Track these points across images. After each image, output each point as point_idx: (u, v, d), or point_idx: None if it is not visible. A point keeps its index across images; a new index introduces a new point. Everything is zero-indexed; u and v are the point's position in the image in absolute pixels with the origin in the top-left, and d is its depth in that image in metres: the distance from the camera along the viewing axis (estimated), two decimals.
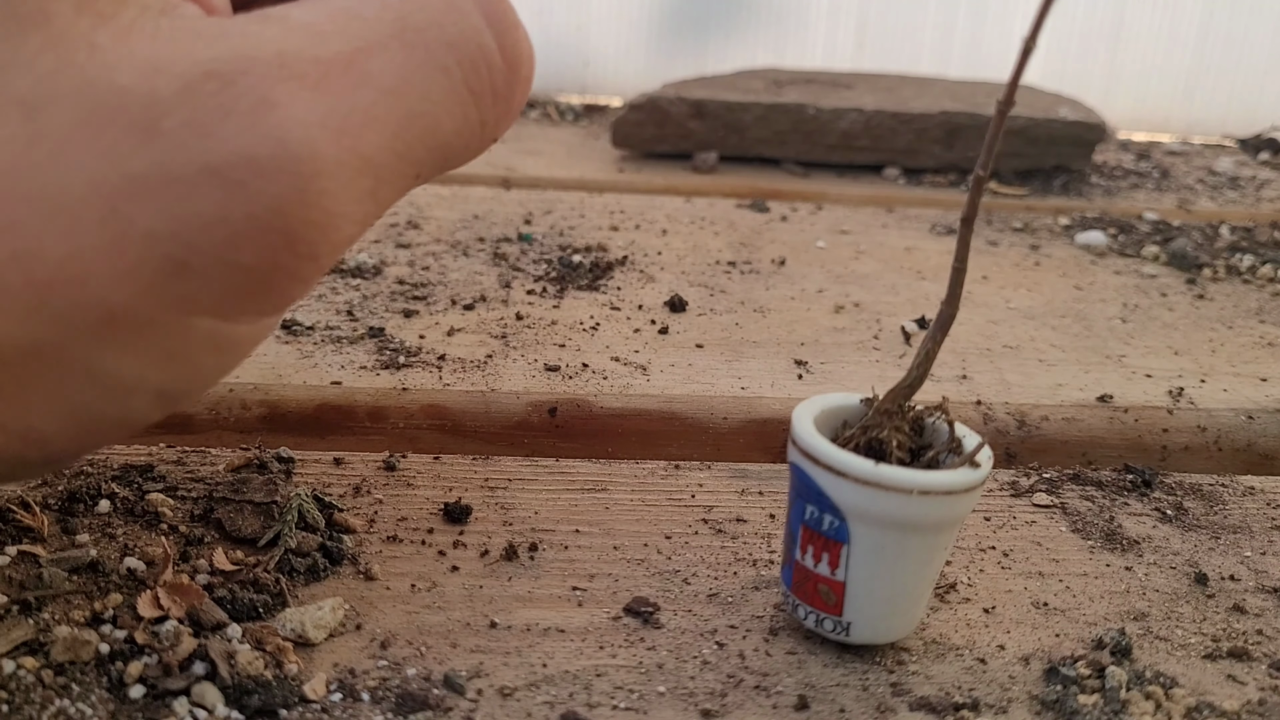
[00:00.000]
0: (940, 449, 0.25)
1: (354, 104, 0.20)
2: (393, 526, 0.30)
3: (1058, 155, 0.79)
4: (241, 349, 0.21)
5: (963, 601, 0.28)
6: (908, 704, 0.24)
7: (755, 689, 0.24)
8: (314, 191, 0.19)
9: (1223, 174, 0.85)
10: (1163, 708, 0.24)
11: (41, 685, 0.23)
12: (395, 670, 0.24)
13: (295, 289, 0.21)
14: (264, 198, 0.19)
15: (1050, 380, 0.43)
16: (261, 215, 0.19)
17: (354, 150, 0.20)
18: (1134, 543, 0.32)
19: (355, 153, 0.20)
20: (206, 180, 0.18)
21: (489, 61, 0.23)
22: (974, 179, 0.24)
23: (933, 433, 0.26)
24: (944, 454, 0.25)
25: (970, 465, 0.24)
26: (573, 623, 0.27)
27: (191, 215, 0.18)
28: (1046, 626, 0.27)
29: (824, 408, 0.26)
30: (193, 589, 0.26)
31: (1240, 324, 0.51)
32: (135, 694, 0.23)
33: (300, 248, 0.20)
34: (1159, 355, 0.46)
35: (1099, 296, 0.54)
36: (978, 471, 0.24)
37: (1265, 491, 0.36)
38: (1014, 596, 0.29)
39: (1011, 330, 0.48)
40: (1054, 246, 0.63)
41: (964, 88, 0.86)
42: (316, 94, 0.20)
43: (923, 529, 0.24)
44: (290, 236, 0.19)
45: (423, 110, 0.21)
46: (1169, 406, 0.41)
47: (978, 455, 0.24)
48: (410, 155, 0.22)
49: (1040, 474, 0.36)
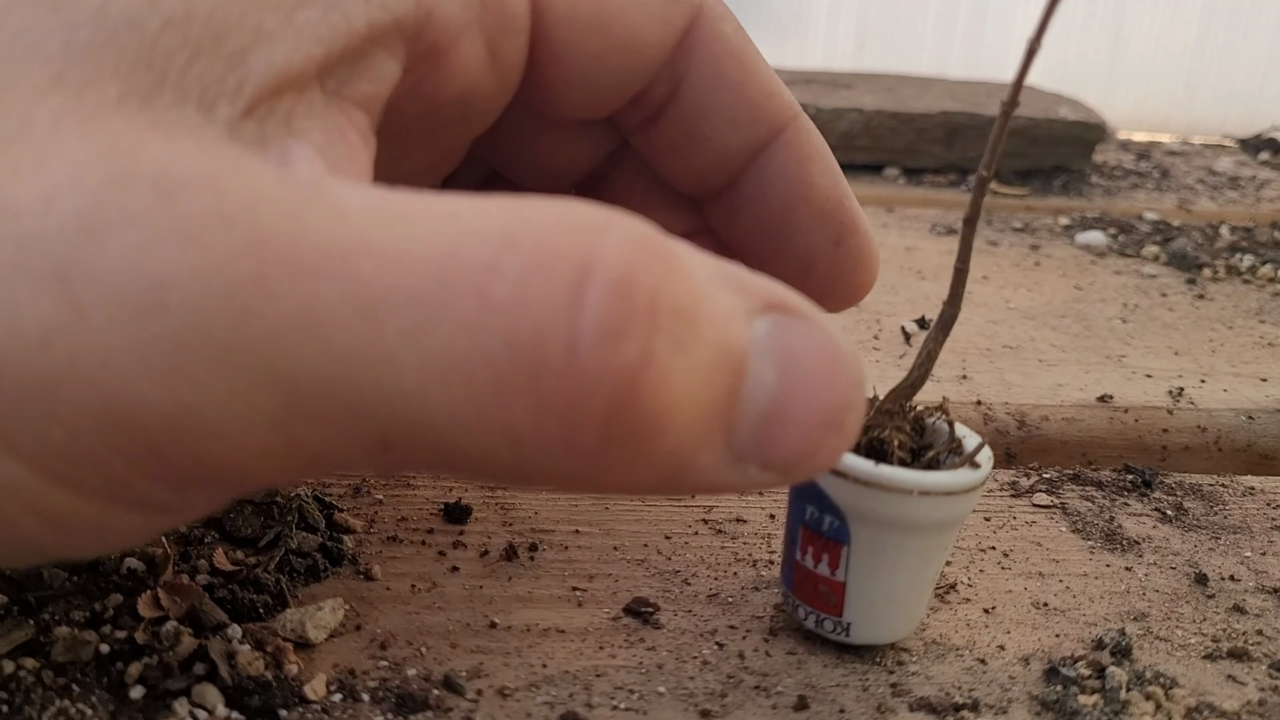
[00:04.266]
0: (940, 449, 0.25)
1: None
2: (393, 527, 0.30)
3: (1058, 155, 0.79)
4: (85, 527, 0.16)
5: (963, 602, 0.28)
6: (907, 704, 0.24)
7: (755, 689, 0.24)
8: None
9: (1223, 174, 0.85)
10: (1163, 708, 0.24)
11: (42, 686, 0.23)
12: (395, 670, 0.24)
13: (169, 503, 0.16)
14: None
15: (1050, 380, 0.43)
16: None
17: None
18: (1134, 543, 0.32)
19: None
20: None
21: (561, 383, 0.15)
22: (977, 179, 0.24)
23: (933, 433, 0.26)
24: (944, 454, 0.25)
25: (970, 465, 0.24)
26: (572, 623, 0.27)
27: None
28: (1046, 627, 0.27)
29: None
30: (193, 589, 0.26)
31: (1240, 324, 0.51)
32: (136, 694, 0.23)
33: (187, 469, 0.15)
34: (1159, 355, 0.46)
35: (1099, 296, 0.54)
36: (978, 472, 0.24)
37: (1265, 492, 0.36)
38: (1014, 597, 0.29)
39: (1011, 330, 0.48)
40: (1054, 246, 0.63)
41: (964, 88, 0.86)
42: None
43: (923, 529, 0.24)
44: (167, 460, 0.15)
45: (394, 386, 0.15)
46: (1169, 407, 0.41)
47: (978, 455, 0.24)
48: (367, 425, 0.15)
49: (1040, 474, 0.36)
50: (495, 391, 0.15)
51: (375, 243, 0.15)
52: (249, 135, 0.17)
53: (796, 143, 0.26)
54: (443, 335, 0.14)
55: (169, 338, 0.14)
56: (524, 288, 0.15)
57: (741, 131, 0.26)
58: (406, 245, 0.15)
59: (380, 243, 0.15)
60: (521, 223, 0.15)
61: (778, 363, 0.17)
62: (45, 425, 0.14)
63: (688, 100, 0.26)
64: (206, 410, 0.14)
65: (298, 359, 0.14)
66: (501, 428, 0.15)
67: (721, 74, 0.25)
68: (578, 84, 0.24)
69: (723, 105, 0.26)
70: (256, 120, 0.17)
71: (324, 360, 0.14)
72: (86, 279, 0.14)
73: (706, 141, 0.26)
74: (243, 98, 0.17)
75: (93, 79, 0.16)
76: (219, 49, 0.17)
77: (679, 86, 0.26)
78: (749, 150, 0.26)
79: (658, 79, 0.25)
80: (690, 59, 0.25)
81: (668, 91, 0.26)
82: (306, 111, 0.18)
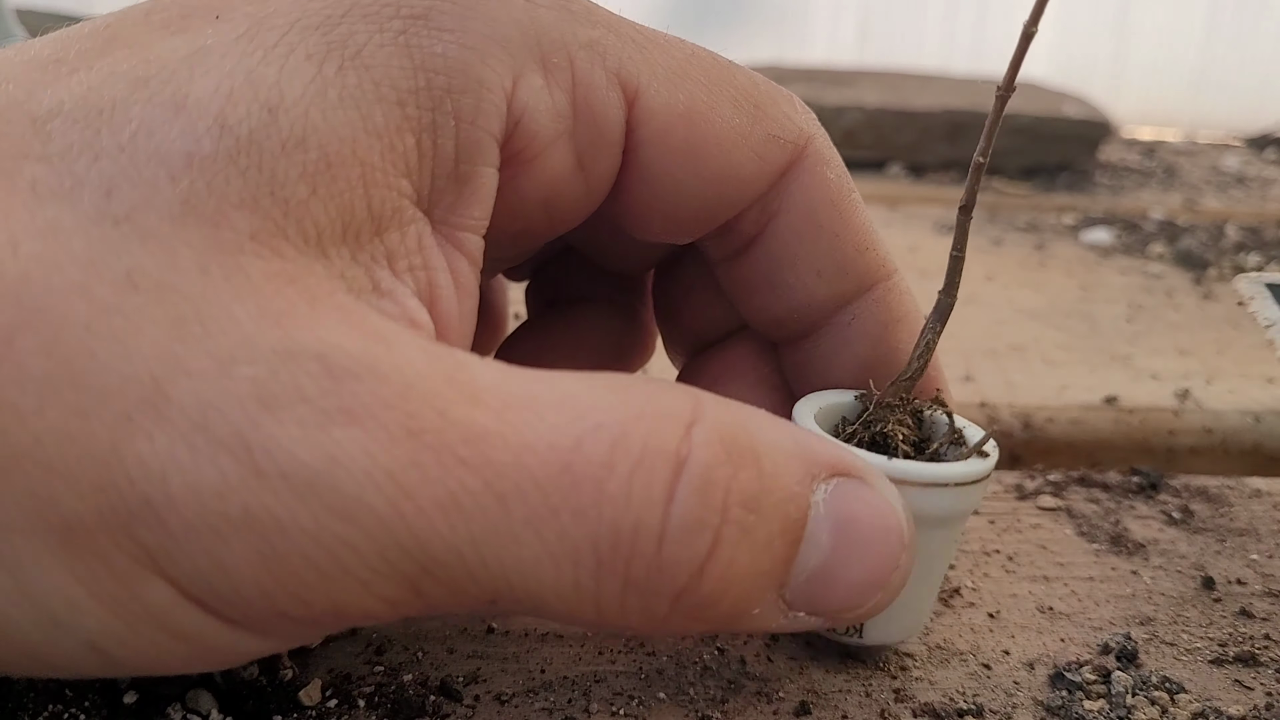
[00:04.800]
0: (941, 441, 0.25)
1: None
2: None
3: (1063, 153, 0.78)
4: (208, 647, 0.17)
5: (967, 606, 0.28)
6: (911, 710, 0.24)
7: (756, 695, 0.24)
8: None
9: (1229, 172, 0.85)
10: (1168, 713, 0.24)
11: (35, 690, 0.23)
12: (391, 676, 0.24)
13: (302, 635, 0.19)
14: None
15: (1056, 381, 0.42)
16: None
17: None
18: (1140, 546, 0.32)
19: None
20: None
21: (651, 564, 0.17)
22: (973, 165, 0.23)
23: (931, 425, 0.26)
24: (946, 446, 0.25)
25: (979, 455, 0.24)
26: (571, 628, 0.26)
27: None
28: (1052, 631, 0.27)
29: (821, 405, 0.26)
30: None
31: (1247, 324, 0.51)
32: (129, 700, 0.23)
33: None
34: (1165, 356, 0.46)
35: (1105, 296, 0.54)
36: (987, 461, 0.24)
37: (1272, 494, 0.35)
38: (1018, 601, 0.28)
39: (1016, 330, 0.48)
40: (1059, 245, 0.62)
41: (967, 84, 0.86)
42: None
43: (935, 522, 0.23)
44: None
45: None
46: (1175, 408, 0.40)
47: (985, 445, 0.24)
48: (485, 589, 0.18)
49: (1045, 476, 0.36)
50: (594, 572, 0.17)
51: (510, 432, 0.17)
52: (360, 283, 0.18)
53: (885, 304, 0.25)
54: (561, 522, 0.17)
55: (337, 509, 0.16)
56: (630, 484, 0.17)
57: (828, 284, 0.25)
58: (537, 436, 0.17)
59: (514, 432, 0.17)
60: (632, 416, 0.17)
61: (833, 527, 0.19)
62: (208, 565, 0.16)
63: (775, 243, 0.25)
64: (357, 569, 0.16)
65: (439, 534, 0.16)
66: (593, 598, 0.18)
67: (815, 221, 0.24)
68: (661, 208, 0.24)
69: (811, 254, 0.24)
70: (364, 266, 0.18)
71: (460, 537, 0.17)
72: (266, 449, 0.16)
73: (789, 289, 0.25)
74: (350, 239, 0.18)
75: (222, 209, 0.17)
76: (333, 184, 0.18)
77: (768, 226, 0.25)
78: (833, 304, 0.25)
79: (747, 214, 0.24)
80: (784, 200, 0.24)
81: (756, 230, 0.25)
82: (412, 249, 0.19)
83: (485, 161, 0.20)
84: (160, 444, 0.16)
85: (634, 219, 0.24)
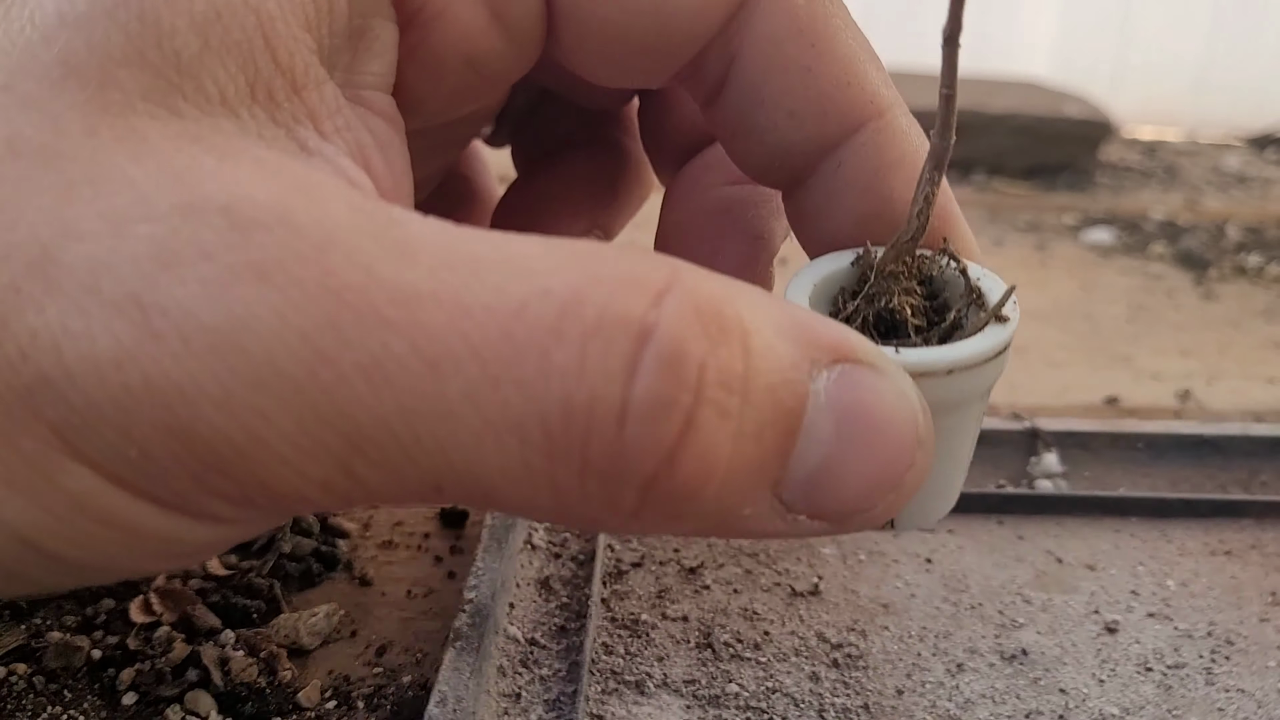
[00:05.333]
0: (960, 305, 0.21)
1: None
2: (388, 531, 0.30)
3: (1063, 152, 0.78)
4: (146, 535, 0.16)
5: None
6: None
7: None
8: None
9: (1230, 172, 0.85)
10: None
11: (33, 691, 0.22)
12: (390, 678, 0.24)
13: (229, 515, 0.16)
14: None
15: (1057, 382, 0.42)
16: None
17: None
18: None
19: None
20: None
21: (604, 442, 0.15)
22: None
23: (944, 284, 0.22)
24: (965, 310, 0.21)
25: (997, 320, 0.21)
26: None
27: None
28: None
29: (817, 279, 0.22)
30: (185, 594, 0.26)
31: (1248, 324, 0.51)
32: (128, 700, 0.23)
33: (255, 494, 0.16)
34: (1166, 356, 0.46)
35: (1106, 296, 0.54)
36: (1006, 327, 0.21)
37: None
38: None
39: (1018, 331, 0.48)
40: (1060, 245, 0.62)
41: (964, 84, 0.85)
42: None
43: (956, 405, 0.21)
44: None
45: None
46: (1176, 408, 0.40)
47: (1004, 307, 0.21)
48: (424, 471, 0.16)
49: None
50: (545, 452, 0.15)
51: (444, 293, 0.15)
52: (282, 144, 0.17)
53: (874, 146, 0.22)
54: (502, 394, 0.15)
55: (244, 374, 0.15)
56: (584, 355, 0.15)
57: (805, 125, 0.22)
58: (475, 298, 0.15)
59: (449, 293, 0.15)
60: (589, 280, 0.15)
61: (837, 417, 0.17)
62: (118, 440, 0.15)
63: (742, 82, 0.22)
64: (275, 442, 0.15)
65: (364, 405, 0.15)
66: (547, 483, 0.16)
67: (781, 55, 0.21)
68: (600, 50, 0.22)
69: (780, 92, 0.22)
70: (285, 126, 0.17)
71: (389, 409, 0.15)
72: (163, 309, 0.14)
73: (763, 132, 0.22)
74: (261, 98, 0.17)
75: (105, 68, 0.16)
76: (227, 34, 0.16)
77: (733, 65, 0.22)
78: (815, 149, 0.22)
79: (709, 53, 0.22)
80: (744, 35, 0.21)
81: (722, 68, 0.22)
82: (333, 110, 0.18)
83: (379, 13, 0.19)
84: (51, 314, 0.14)
85: (579, 64, 0.22)
